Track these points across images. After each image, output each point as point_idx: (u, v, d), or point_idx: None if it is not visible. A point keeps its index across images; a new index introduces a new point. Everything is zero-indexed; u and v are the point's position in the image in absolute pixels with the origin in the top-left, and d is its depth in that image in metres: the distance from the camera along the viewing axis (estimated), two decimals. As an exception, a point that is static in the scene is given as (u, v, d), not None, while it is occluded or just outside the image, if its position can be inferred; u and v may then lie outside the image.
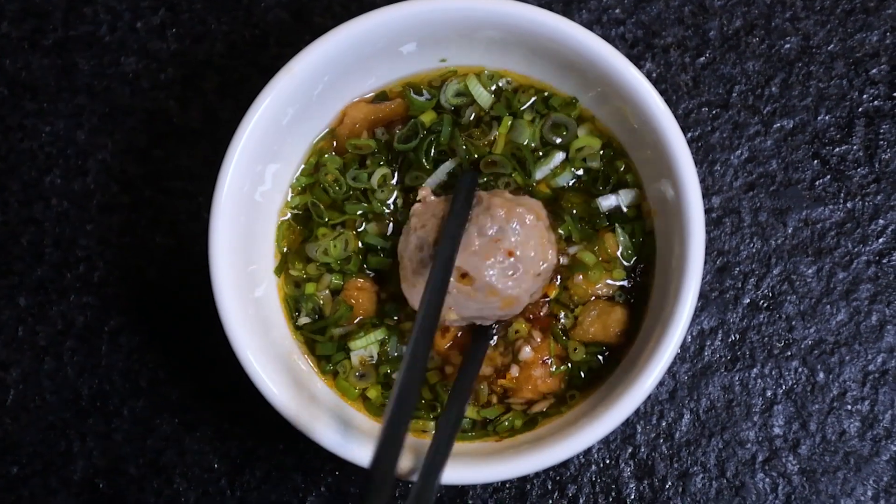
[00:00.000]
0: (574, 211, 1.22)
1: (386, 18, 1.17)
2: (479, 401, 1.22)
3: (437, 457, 1.05)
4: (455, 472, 1.11)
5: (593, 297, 1.22)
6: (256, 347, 1.16)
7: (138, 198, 1.35)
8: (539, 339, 1.21)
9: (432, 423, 1.21)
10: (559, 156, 1.23)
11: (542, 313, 1.22)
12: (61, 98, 1.36)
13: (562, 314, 1.21)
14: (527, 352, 1.20)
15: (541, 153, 1.23)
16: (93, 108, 1.36)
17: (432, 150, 1.24)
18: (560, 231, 1.21)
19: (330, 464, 1.32)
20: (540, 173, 1.23)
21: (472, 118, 1.24)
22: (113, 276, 1.34)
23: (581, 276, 1.21)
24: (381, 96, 1.26)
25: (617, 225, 1.22)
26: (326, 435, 1.14)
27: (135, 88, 1.36)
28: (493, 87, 1.25)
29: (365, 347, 1.23)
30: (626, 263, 1.21)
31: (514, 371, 1.21)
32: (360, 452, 1.13)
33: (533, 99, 1.24)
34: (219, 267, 1.15)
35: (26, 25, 1.37)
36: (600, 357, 1.22)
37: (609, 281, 1.21)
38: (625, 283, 1.22)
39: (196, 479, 1.32)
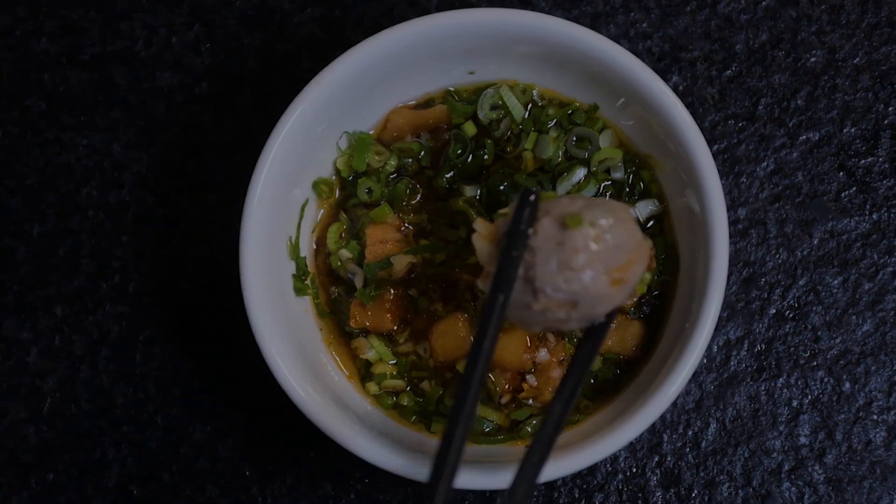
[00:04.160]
0: None
1: (415, 31, 1.17)
2: (493, 398, 1.23)
3: (536, 458, 0.99)
4: (482, 478, 1.12)
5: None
6: (287, 355, 1.17)
7: (172, 210, 1.36)
8: (553, 341, 1.21)
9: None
10: (581, 171, 1.23)
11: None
12: (98, 112, 1.38)
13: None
14: (543, 354, 1.21)
15: (564, 168, 1.23)
16: (129, 121, 1.38)
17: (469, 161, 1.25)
18: None
19: (360, 471, 1.32)
20: (562, 189, 1.23)
21: (507, 133, 1.26)
22: (147, 287, 1.36)
23: None
24: (427, 103, 1.27)
25: None
26: (357, 442, 1.14)
27: (170, 102, 1.38)
28: (525, 101, 1.26)
29: (380, 382, 1.25)
30: (649, 278, 1.22)
31: (532, 380, 1.22)
32: (392, 459, 1.14)
33: (558, 115, 1.25)
34: (250, 277, 1.17)
35: (64, 41, 1.39)
36: (617, 369, 1.23)
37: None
38: (645, 296, 1.22)
39: (228, 487, 1.34)
